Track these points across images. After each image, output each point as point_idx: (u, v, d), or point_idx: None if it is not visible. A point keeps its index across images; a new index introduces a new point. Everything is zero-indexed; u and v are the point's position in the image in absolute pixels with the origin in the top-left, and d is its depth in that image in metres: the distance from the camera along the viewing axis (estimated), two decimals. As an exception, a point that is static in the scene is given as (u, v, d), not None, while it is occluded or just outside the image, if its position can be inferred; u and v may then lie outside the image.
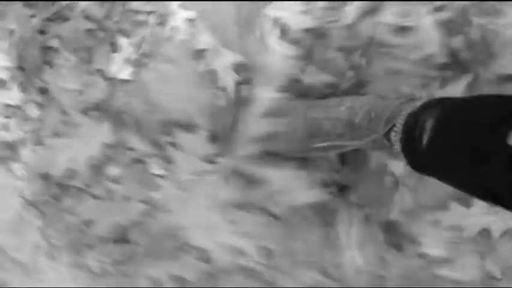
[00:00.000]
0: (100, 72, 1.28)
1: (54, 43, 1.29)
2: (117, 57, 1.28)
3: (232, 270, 1.27)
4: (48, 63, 1.29)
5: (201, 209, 1.28)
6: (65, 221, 1.29)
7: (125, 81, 1.28)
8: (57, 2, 1.29)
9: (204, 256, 1.28)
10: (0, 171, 1.30)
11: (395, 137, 1.00)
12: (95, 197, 1.29)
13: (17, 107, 1.30)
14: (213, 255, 1.28)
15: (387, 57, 1.24)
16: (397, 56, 1.24)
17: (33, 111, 1.30)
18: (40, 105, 1.30)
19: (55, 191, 1.29)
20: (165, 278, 1.28)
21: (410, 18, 1.24)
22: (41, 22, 1.29)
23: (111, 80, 1.28)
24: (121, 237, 1.28)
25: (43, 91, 1.30)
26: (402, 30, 1.24)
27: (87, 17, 1.28)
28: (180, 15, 1.27)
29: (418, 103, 1.00)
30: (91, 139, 1.28)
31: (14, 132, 1.30)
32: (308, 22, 1.25)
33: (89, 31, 1.28)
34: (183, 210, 1.28)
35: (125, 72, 1.28)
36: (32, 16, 1.29)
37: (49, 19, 1.29)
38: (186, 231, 1.28)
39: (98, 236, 1.29)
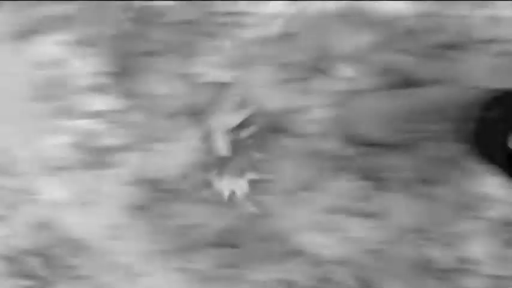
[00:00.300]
0: (188, 75, 1.27)
1: (146, 47, 1.28)
2: (204, 60, 1.27)
3: (344, 275, 1.28)
4: (141, 67, 1.28)
5: (309, 212, 1.28)
6: (169, 225, 1.29)
7: (213, 84, 1.28)
8: (149, 6, 1.27)
9: (313, 260, 1.28)
10: (105, 176, 1.29)
11: None
12: (199, 200, 1.29)
13: (115, 113, 1.29)
14: (323, 259, 1.28)
15: (480, 51, 1.24)
16: (489, 49, 1.24)
17: (131, 117, 1.29)
18: (137, 110, 1.28)
19: (160, 195, 1.29)
20: (271, 282, 1.28)
21: (500, 11, 1.24)
22: (134, 26, 1.28)
23: (202, 84, 1.28)
24: (226, 241, 1.28)
25: (138, 96, 1.28)
26: (492, 22, 1.23)
27: (175, 21, 1.27)
28: (265, 14, 1.26)
29: None
30: (190, 143, 1.28)
31: (115, 138, 1.29)
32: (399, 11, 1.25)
33: (177, 33, 1.27)
34: (290, 213, 1.28)
35: (212, 75, 1.27)
36: (124, 20, 1.28)
37: (142, 22, 1.28)
38: (293, 235, 1.28)
39: (203, 240, 1.29)
